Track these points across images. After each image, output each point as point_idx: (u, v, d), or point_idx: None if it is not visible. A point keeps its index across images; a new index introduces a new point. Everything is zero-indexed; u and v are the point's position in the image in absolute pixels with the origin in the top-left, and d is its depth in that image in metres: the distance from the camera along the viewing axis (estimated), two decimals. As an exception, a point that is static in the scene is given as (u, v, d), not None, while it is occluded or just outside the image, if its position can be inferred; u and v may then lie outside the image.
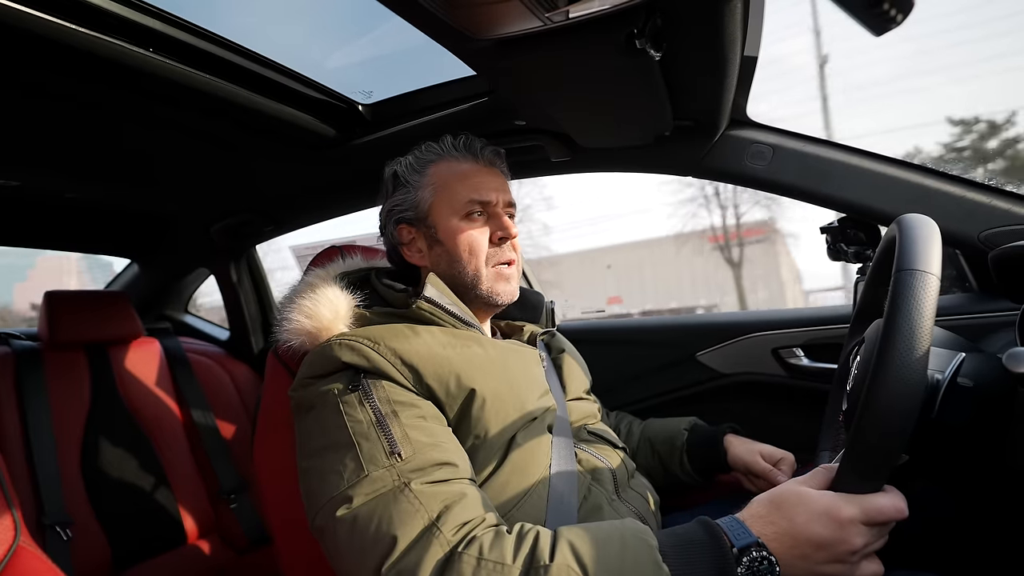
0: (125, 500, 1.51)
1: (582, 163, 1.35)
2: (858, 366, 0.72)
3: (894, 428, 0.53)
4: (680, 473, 1.07)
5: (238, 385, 1.91)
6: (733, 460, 1.02)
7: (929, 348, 0.54)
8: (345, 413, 0.72)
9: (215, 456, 1.71)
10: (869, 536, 0.57)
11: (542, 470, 0.80)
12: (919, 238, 0.59)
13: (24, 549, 0.82)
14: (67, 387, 1.54)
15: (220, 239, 1.86)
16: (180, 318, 2.25)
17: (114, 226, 1.86)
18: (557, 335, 1.09)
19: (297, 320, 0.82)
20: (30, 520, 1.33)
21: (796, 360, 1.32)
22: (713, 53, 0.85)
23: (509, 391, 0.81)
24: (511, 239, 0.92)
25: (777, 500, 0.61)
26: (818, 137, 1.15)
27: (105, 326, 1.66)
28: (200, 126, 1.17)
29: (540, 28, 0.76)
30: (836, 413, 0.89)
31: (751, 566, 0.56)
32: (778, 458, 0.98)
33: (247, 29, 1.01)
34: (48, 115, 1.07)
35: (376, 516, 0.62)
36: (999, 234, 1.00)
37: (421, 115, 1.22)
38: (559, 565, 0.56)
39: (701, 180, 1.30)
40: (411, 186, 0.93)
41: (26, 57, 0.85)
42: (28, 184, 1.41)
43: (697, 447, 1.07)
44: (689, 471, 1.06)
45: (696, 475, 1.06)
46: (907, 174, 1.08)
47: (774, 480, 0.94)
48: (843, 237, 1.16)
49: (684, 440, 1.08)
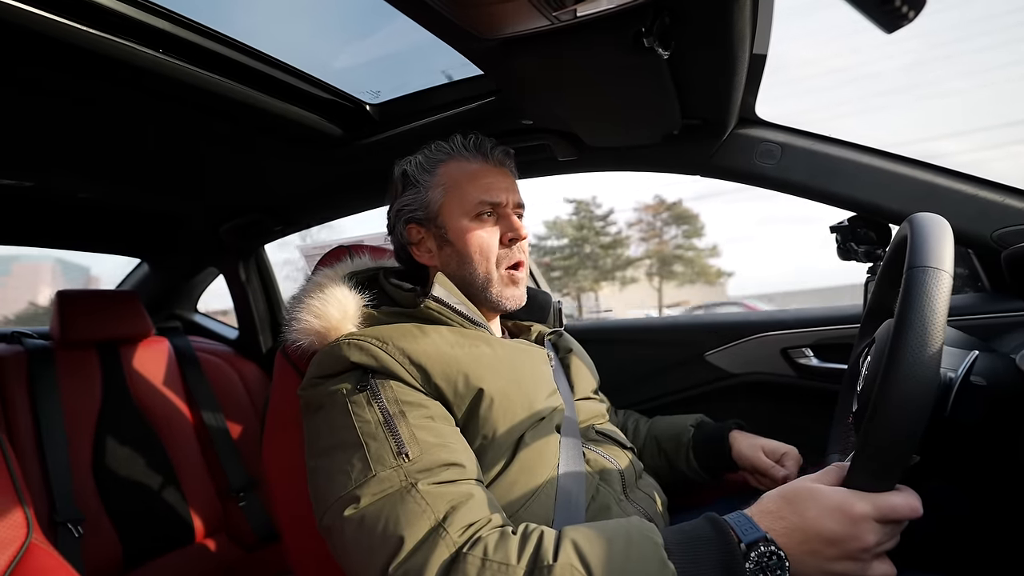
0: (135, 498, 1.53)
1: (589, 163, 1.34)
2: (868, 367, 0.71)
3: (907, 425, 0.52)
4: (687, 470, 1.06)
5: (247, 384, 1.92)
6: (738, 456, 1.01)
7: (942, 345, 0.53)
8: (353, 413, 0.72)
9: (224, 454, 1.72)
10: (881, 534, 0.57)
11: (550, 470, 0.80)
12: (931, 236, 0.59)
13: (36, 546, 0.83)
14: (79, 385, 1.56)
15: (229, 238, 1.87)
16: (190, 317, 2.27)
17: (125, 226, 1.87)
18: (565, 335, 1.09)
19: (306, 320, 0.83)
20: (42, 517, 1.35)
21: (805, 360, 1.31)
22: (722, 51, 0.85)
23: (517, 391, 0.81)
24: (521, 240, 0.92)
25: (788, 495, 0.61)
26: (828, 136, 1.14)
27: (116, 325, 1.68)
28: (209, 126, 1.17)
29: (547, 27, 0.76)
30: (846, 415, 0.88)
31: (760, 561, 0.56)
32: (781, 453, 0.97)
33: (255, 29, 1.01)
34: (59, 116, 1.08)
35: (383, 516, 0.62)
36: (1012, 233, 0.99)
37: (428, 115, 1.22)
38: (563, 565, 0.56)
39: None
40: (421, 186, 0.93)
41: (36, 59, 0.86)
42: (41, 185, 1.43)
43: (703, 444, 1.06)
44: (696, 468, 1.06)
45: (703, 472, 1.05)
46: (919, 172, 1.07)
47: (773, 476, 0.94)
48: (853, 236, 1.15)
49: (690, 437, 1.08)
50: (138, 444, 1.59)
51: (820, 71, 33.31)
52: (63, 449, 1.44)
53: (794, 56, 31.02)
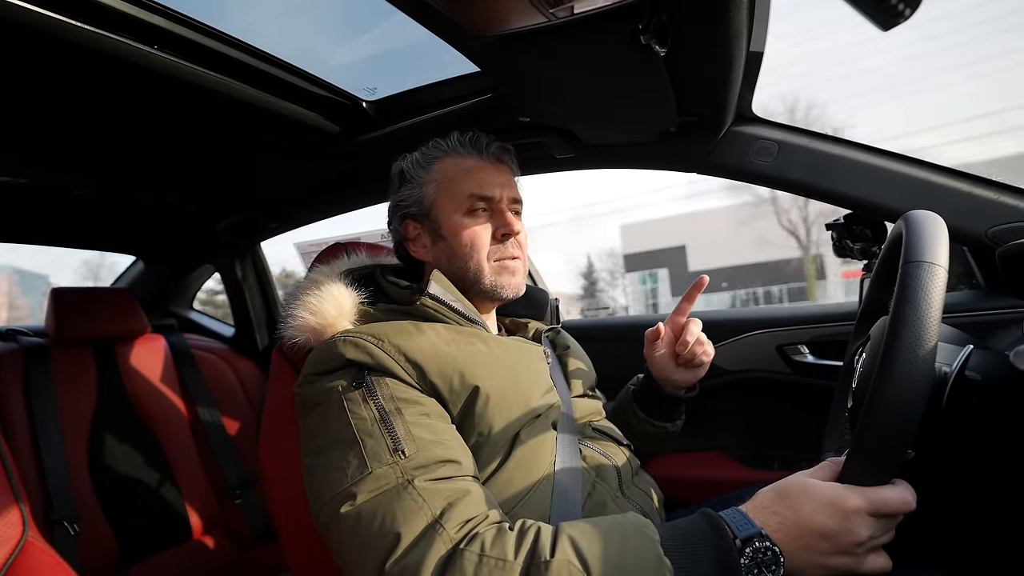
0: (131, 495, 1.52)
1: (585, 160, 1.34)
2: (863, 364, 0.71)
3: (902, 418, 0.53)
4: (642, 422, 1.08)
5: (243, 381, 1.92)
6: (652, 363, 1.02)
7: (937, 338, 0.53)
8: (349, 410, 0.72)
9: (220, 452, 1.72)
10: (875, 528, 0.57)
11: (546, 467, 0.80)
12: (926, 232, 0.59)
13: (32, 544, 0.83)
14: (74, 383, 1.55)
15: (226, 236, 1.86)
16: (185, 315, 2.26)
17: (120, 223, 1.87)
18: (562, 332, 1.09)
19: (302, 317, 0.83)
20: (38, 515, 1.34)
21: (801, 357, 1.31)
22: (719, 48, 0.85)
23: (513, 388, 0.81)
24: (514, 236, 0.92)
25: (782, 491, 0.61)
26: (824, 133, 1.15)
27: (111, 323, 1.68)
28: (205, 123, 1.17)
29: (544, 24, 0.76)
30: (841, 412, 0.89)
31: (754, 557, 0.56)
32: (680, 324, 1.00)
33: (251, 26, 1.01)
34: (54, 113, 1.07)
35: (380, 513, 0.62)
36: (1007, 231, 1.00)
37: (425, 112, 1.22)
38: (559, 560, 0.57)
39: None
40: (416, 182, 0.94)
41: (31, 55, 0.86)
42: (35, 181, 1.42)
43: (640, 390, 1.09)
44: (644, 417, 1.07)
45: (652, 419, 1.07)
46: (914, 170, 1.07)
47: (685, 337, 0.96)
48: (849, 234, 1.15)
49: (630, 393, 1.10)
50: (134, 442, 1.58)
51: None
52: (59, 447, 1.44)
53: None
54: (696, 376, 1.02)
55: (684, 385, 1.03)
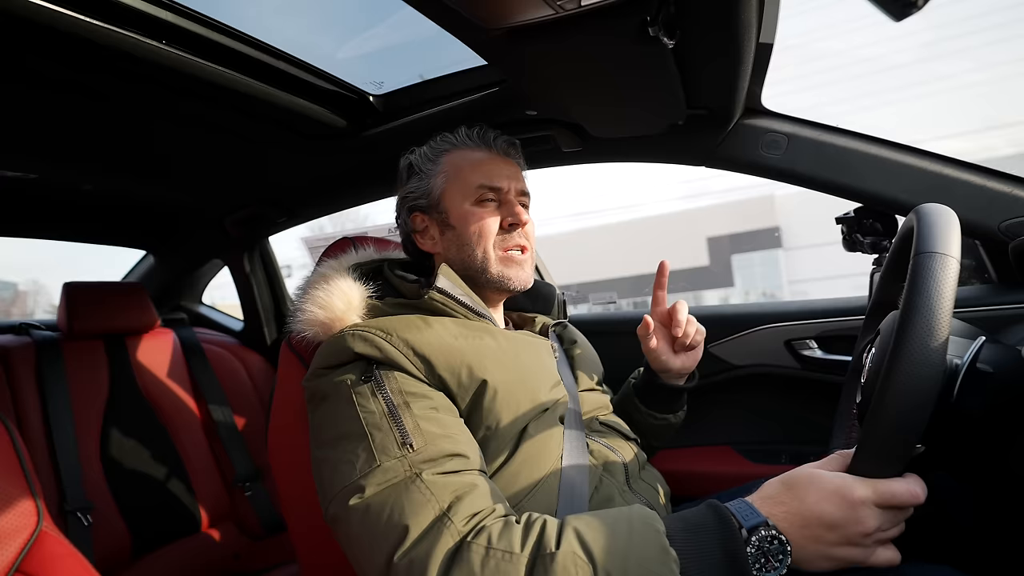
0: (143, 487, 1.55)
1: (593, 154, 1.34)
2: (872, 359, 0.71)
3: (913, 409, 0.52)
4: (644, 416, 1.07)
5: (252, 375, 1.93)
6: (649, 352, 1.00)
7: (949, 329, 0.53)
8: (358, 404, 0.72)
9: (230, 445, 1.74)
10: (882, 519, 0.57)
11: (553, 461, 0.80)
12: (938, 223, 0.58)
13: (47, 534, 0.84)
14: (86, 376, 1.57)
15: (234, 230, 1.88)
16: (195, 309, 2.28)
17: (129, 218, 1.88)
18: (569, 326, 1.09)
19: (310, 311, 0.83)
20: (52, 506, 1.36)
21: (809, 352, 1.30)
22: (728, 40, 0.84)
23: (521, 382, 0.81)
24: (521, 226, 0.92)
25: (789, 481, 0.61)
26: (834, 126, 1.13)
27: (122, 317, 1.69)
28: (213, 118, 1.17)
29: (552, 16, 0.75)
30: (849, 408, 0.88)
31: (760, 546, 0.56)
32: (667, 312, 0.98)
33: (258, 20, 1.01)
34: (64, 108, 1.08)
35: (388, 506, 0.63)
36: (1020, 224, 0.98)
37: (432, 105, 1.21)
38: (565, 552, 0.57)
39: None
40: (424, 174, 0.94)
41: (42, 51, 0.86)
42: (46, 177, 1.43)
43: (640, 384, 1.08)
44: (646, 411, 1.07)
45: (653, 411, 1.06)
46: (925, 163, 1.06)
47: (675, 320, 0.94)
48: (859, 227, 1.14)
49: (631, 388, 1.10)
50: (145, 434, 1.60)
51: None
52: (72, 439, 1.46)
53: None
54: (694, 360, 1.01)
55: (683, 373, 1.03)
